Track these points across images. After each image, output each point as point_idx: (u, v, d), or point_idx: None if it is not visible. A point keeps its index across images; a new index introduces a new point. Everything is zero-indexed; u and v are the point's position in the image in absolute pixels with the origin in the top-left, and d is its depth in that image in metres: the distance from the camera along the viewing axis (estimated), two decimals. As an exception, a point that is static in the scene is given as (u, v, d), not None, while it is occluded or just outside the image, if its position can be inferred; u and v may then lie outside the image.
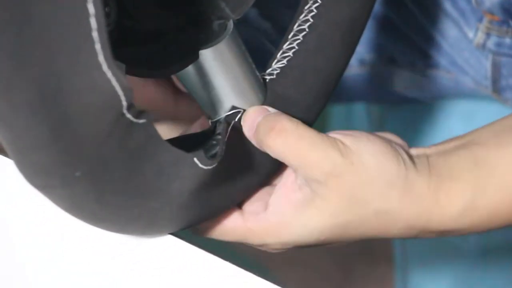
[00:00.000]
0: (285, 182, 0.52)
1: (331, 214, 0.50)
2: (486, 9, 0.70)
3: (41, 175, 0.43)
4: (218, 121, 0.52)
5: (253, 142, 0.52)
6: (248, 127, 0.51)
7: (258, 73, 0.53)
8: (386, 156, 0.51)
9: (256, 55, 0.55)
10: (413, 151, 0.53)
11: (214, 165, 0.46)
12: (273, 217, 0.52)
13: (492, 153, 0.52)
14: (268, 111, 0.52)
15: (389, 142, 0.52)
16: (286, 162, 0.51)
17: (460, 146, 0.53)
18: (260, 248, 0.54)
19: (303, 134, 0.50)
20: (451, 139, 0.54)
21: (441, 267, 0.89)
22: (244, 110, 0.52)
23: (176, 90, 0.65)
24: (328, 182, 0.50)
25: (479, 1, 0.70)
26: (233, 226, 0.53)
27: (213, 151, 0.49)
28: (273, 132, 0.50)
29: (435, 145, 0.54)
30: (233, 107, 0.52)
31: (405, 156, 0.52)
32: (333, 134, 0.52)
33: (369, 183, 0.50)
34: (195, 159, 0.45)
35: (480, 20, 0.74)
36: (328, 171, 0.50)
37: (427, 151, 0.53)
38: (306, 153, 0.50)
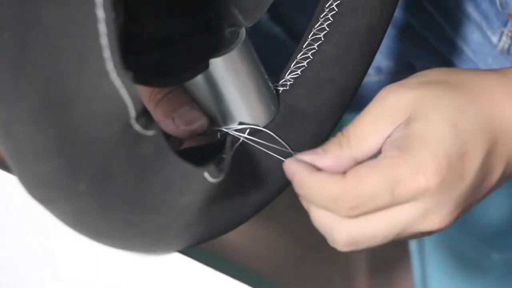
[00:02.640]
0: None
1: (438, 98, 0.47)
2: (512, 12, 0.71)
3: (44, 187, 0.43)
4: (227, 134, 0.52)
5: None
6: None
7: (270, 84, 0.53)
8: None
9: (268, 64, 0.55)
10: None
11: (221, 178, 0.47)
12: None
13: None
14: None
15: None
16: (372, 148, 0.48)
17: None
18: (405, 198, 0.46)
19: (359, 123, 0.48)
20: None
21: (462, 285, 0.89)
22: (254, 126, 0.52)
23: None
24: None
25: (504, 4, 0.70)
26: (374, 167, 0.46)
27: (223, 165, 0.49)
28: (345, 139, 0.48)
29: None
30: (241, 123, 0.52)
31: None
32: None
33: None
34: (206, 174, 0.46)
35: (504, 24, 0.74)
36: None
37: None
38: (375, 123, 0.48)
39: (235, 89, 0.52)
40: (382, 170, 0.46)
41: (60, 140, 0.41)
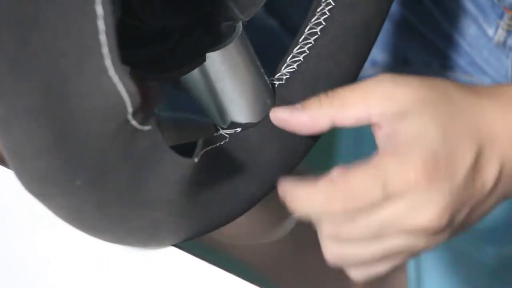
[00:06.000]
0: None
1: (424, 102, 0.49)
2: (508, 5, 0.71)
3: (41, 182, 0.43)
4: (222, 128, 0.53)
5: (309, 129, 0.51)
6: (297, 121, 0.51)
7: (266, 78, 0.54)
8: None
9: (264, 57, 0.55)
10: None
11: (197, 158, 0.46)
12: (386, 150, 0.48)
13: None
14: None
15: None
16: (364, 121, 0.50)
17: None
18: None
19: (352, 89, 0.50)
20: None
21: (457, 281, 0.90)
22: (244, 124, 0.52)
23: None
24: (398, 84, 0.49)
25: (500, -4, 0.71)
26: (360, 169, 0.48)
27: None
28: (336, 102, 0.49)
29: None
30: (232, 123, 0.52)
31: None
32: None
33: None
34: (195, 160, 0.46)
35: (500, 16, 0.74)
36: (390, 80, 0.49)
37: None
38: (369, 95, 0.49)
39: (231, 83, 0.52)
40: (372, 168, 0.47)
41: (59, 136, 0.41)
